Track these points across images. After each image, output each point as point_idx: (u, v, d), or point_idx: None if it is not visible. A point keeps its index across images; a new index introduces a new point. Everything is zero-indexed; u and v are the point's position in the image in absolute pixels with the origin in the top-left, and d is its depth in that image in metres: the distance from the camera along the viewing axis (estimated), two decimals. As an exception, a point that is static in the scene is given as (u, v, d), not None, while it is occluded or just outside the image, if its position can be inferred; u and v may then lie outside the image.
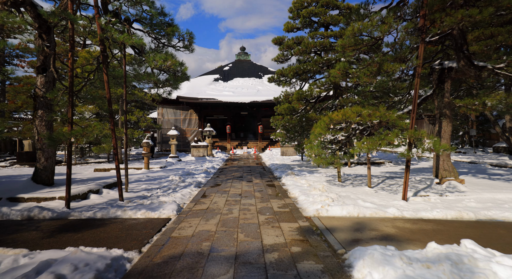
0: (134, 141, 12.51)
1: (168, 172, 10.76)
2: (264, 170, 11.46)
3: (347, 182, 7.45)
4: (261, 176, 9.51)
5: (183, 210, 5.21)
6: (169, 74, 6.81)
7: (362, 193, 6.13)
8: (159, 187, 7.56)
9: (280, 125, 12.13)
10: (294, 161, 14.86)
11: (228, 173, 10.59)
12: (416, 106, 5.32)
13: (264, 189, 7.11)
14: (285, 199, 5.98)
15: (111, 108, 5.92)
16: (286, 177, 8.69)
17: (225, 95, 23.48)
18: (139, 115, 11.40)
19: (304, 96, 10.63)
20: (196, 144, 17.54)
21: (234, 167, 12.69)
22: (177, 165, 13.69)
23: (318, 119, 10.81)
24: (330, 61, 10.96)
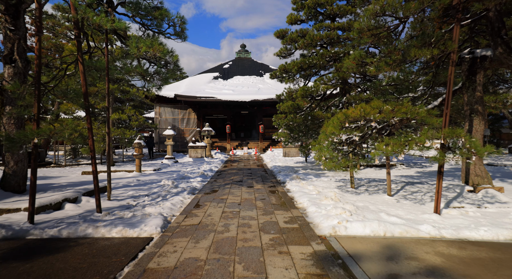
0: (126, 141, 11.65)
1: (161, 175, 9.88)
2: (266, 172, 10.57)
3: (361, 189, 6.55)
4: (262, 180, 8.62)
5: (170, 225, 4.32)
6: (158, 64, 5.92)
7: (382, 202, 5.23)
8: (148, 194, 6.68)
9: (283, 125, 11.25)
10: (297, 162, 13.97)
11: (226, 176, 9.70)
12: (450, 99, 4.42)
13: (267, 197, 6.21)
14: (292, 210, 5.09)
15: (87, 104, 5.04)
16: (291, 182, 7.80)
17: (225, 94, 22.60)
18: (130, 114, 10.54)
19: (310, 92, 9.74)
20: (194, 144, 16.66)
21: (234, 169, 11.80)
22: (172, 167, 12.80)
23: (325, 117, 9.92)
24: (337, 55, 10.06)
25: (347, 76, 9.50)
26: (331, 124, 5.38)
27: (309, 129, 10.79)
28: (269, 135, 25.18)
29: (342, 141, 6.02)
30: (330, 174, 9.48)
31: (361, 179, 7.95)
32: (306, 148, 9.97)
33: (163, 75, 6.15)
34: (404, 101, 4.87)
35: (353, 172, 6.60)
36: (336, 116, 5.16)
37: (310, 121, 10.32)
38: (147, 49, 4.76)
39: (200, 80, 26.13)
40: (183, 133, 24.55)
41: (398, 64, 5.05)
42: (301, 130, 10.70)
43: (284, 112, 11.83)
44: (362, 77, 11.19)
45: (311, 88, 9.69)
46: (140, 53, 4.79)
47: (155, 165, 12.75)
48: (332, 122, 5.29)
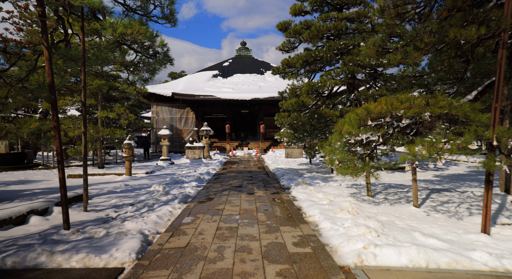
0: (116, 142, 10.79)
1: (153, 179, 9.00)
2: (267, 176, 9.68)
3: (379, 197, 5.67)
4: (264, 186, 7.73)
5: (150, 248, 3.44)
6: (143, 52, 5.05)
7: (409, 216, 4.35)
8: (133, 203, 5.80)
9: (286, 124, 10.37)
10: (301, 164, 13.09)
11: (225, 180, 8.81)
12: (500, 90, 3.54)
13: (270, 207, 5.33)
14: (301, 225, 4.20)
15: (53, 97, 4.16)
16: (296, 188, 6.92)
17: (225, 92, 21.73)
18: (120, 112, 9.67)
19: (316, 88, 8.86)
20: (191, 144, 15.78)
21: (233, 172, 10.92)
22: (167, 169, 11.92)
23: (332, 116, 9.03)
24: (346, 47, 9.17)
25: (356, 70, 8.62)
26: (347, 122, 4.50)
27: (314, 128, 9.90)
28: (270, 136, 24.31)
29: (359, 141, 5.17)
30: (338, 178, 8.59)
31: (375, 184, 7.06)
32: (312, 149, 9.10)
33: (149, 66, 5.27)
34: (437, 94, 3.99)
35: (369, 178, 5.71)
36: (354, 112, 4.28)
37: (315, 120, 9.43)
38: (124, 30, 3.88)
39: (199, 78, 25.27)
40: (181, 133, 23.69)
41: (430, 49, 4.17)
42: (306, 130, 9.82)
43: (287, 111, 10.97)
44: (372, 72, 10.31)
45: (318, 83, 8.81)
46: (116, 34, 3.91)
47: (148, 167, 11.88)
48: (349, 120, 4.41)
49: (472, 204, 4.73)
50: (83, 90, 5.05)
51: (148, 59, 5.43)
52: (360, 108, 4.20)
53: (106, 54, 4.80)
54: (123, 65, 5.09)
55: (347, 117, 4.45)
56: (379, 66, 8.85)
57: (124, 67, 5.16)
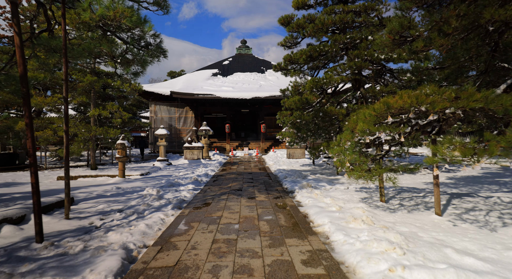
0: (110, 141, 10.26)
1: (147, 182, 8.47)
2: (269, 178, 9.14)
3: (393, 202, 5.12)
4: (266, 189, 7.19)
5: (133, 267, 2.90)
6: (131, 41, 4.51)
7: (433, 226, 3.81)
8: (123, 209, 5.27)
9: (289, 123, 9.84)
10: (303, 165, 12.55)
11: (224, 183, 8.28)
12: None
13: (273, 214, 4.79)
14: (310, 237, 3.67)
15: (25, 90, 3.62)
16: (301, 191, 6.38)
17: (224, 91, 21.20)
18: (112, 110, 9.13)
19: (321, 84, 8.31)
20: (190, 145, 15.25)
21: (233, 173, 10.38)
22: (163, 170, 11.39)
23: (338, 114, 8.49)
24: (353, 41, 8.63)
25: (364, 66, 8.07)
26: (361, 119, 3.96)
27: (318, 128, 9.37)
28: (271, 135, 23.79)
29: (372, 141, 4.64)
30: (345, 181, 8.05)
31: (386, 188, 6.52)
32: (317, 150, 8.56)
33: (139, 57, 4.74)
34: (467, 87, 3.45)
35: (383, 182, 5.17)
36: (371, 108, 3.74)
37: (320, 119, 8.89)
38: (105, 11, 3.34)
39: (198, 77, 24.74)
40: (180, 133, 23.17)
41: (460, 33, 3.62)
42: (309, 129, 9.28)
43: (289, 109, 10.45)
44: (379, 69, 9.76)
45: (323, 79, 8.27)
46: (96, 17, 3.37)
47: (144, 168, 11.34)
48: (363, 117, 3.87)
49: (503, 212, 4.19)
50: (65, 84, 4.51)
51: (137, 50, 4.90)
52: (377, 103, 3.66)
53: (90, 43, 4.26)
54: (110, 56, 4.55)
55: (361, 114, 3.91)
56: (388, 61, 8.31)
57: (111, 59, 4.62)
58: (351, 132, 4.46)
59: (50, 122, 8.81)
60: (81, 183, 8.50)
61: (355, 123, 4.18)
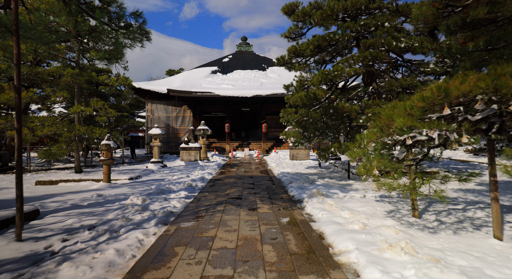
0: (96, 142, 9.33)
1: (135, 187, 7.52)
2: (272, 183, 8.17)
3: (429, 218, 4.15)
4: (269, 197, 6.22)
5: None
6: (97, 14, 3.55)
7: (498, 257, 2.84)
8: (96, 224, 4.32)
9: (294, 121, 8.87)
10: (309, 167, 11.58)
11: (221, 188, 7.31)
12: None
13: (280, 234, 3.83)
14: (333, 273, 2.70)
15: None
16: (311, 200, 5.41)
17: (224, 89, 20.24)
18: (97, 106, 8.16)
19: (331, 77, 7.32)
20: (187, 145, 14.29)
21: (232, 177, 9.41)
22: (156, 174, 10.43)
23: (350, 111, 7.51)
24: (367, 28, 7.66)
25: (380, 56, 7.09)
26: (397, 114, 3.00)
27: (327, 126, 8.39)
28: (272, 135, 22.82)
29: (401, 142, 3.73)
30: (358, 186, 7.09)
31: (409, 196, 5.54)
32: (326, 151, 7.59)
33: (111, 36, 3.77)
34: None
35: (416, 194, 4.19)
36: (417, 96, 2.76)
37: (329, 117, 7.91)
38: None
39: (197, 75, 23.79)
40: (178, 133, 22.22)
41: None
42: (317, 128, 8.31)
43: (294, 106, 9.49)
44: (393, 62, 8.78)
45: (333, 71, 7.29)
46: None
47: (134, 171, 10.38)
48: (403, 110, 2.90)
49: None
50: (16, 70, 3.55)
51: (111, 29, 3.93)
52: (428, 90, 2.68)
53: (42, 16, 3.30)
54: (73, 35, 3.58)
55: (400, 106, 2.94)
56: (407, 50, 7.33)
57: (76, 39, 3.65)
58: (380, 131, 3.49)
59: (30, 121, 7.87)
60: (60, 188, 7.55)
61: (389, 119, 3.20)
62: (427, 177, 3.21)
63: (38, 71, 9.11)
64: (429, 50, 6.92)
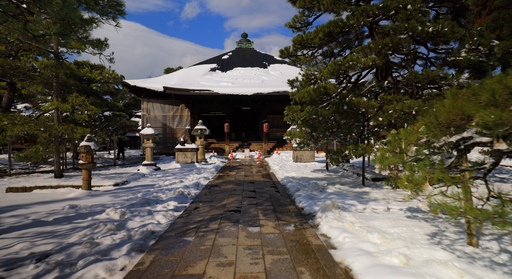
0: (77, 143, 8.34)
1: (118, 196, 6.52)
2: (276, 189, 7.16)
3: (489, 245, 3.13)
4: (274, 210, 5.20)
5: None
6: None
7: None
8: (51, 251, 3.32)
9: (300, 120, 7.84)
10: (315, 170, 10.57)
11: (217, 198, 6.30)
12: None
13: (293, 270, 2.82)
14: None
15: None
16: (325, 215, 4.40)
17: (223, 86, 19.23)
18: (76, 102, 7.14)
19: (345, 68, 6.29)
20: (182, 146, 13.28)
21: (230, 182, 8.40)
22: (147, 178, 9.42)
23: (368, 107, 6.49)
24: (387, 12, 6.64)
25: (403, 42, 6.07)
26: (485, 99, 1.97)
27: (338, 126, 7.38)
28: (274, 136, 21.81)
29: (456, 144, 2.75)
30: (377, 195, 6.08)
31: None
32: (340, 154, 6.54)
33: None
34: None
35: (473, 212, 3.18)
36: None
37: (341, 115, 6.89)
38: None
39: (195, 72, 22.79)
40: (175, 133, 21.22)
41: None
42: (327, 128, 7.29)
43: (300, 103, 8.50)
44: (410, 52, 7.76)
45: (347, 62, 6.26)
46: None
47: (122, 175, 9.37)
48: (489, 96, 1.88)
49: None
50: None
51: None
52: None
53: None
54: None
55: (486, 88, 1.92)
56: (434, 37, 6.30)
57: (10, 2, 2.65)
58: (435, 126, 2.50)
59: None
60: (33, 197, 6.55)
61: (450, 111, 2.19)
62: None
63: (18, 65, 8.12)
64: (462, 36, 5.91)
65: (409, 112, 5.72)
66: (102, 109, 13.87)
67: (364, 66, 6.21)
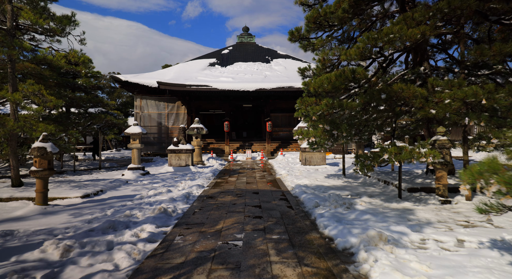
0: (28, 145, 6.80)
1: (81, 214, 4.93)
2: (288, 204, 5.54)
3: None
4: (291, 241, 3.59)
5: None
6: None
7: None
8: None
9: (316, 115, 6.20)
10: (329, 176, 8.97)
11: (211, 218, 4.70)
12: None
13: None
14: None
15: None
16: (374, 258, 2.82)
17: (223, 82, 17.64)
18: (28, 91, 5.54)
19: (383, 42, 4.66)
20: (176, 147, 11.69)
21: (229, 193, 6.80)
22: (128, 186, 7.83)
23: (414, 96, 4.88)
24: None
25: (472, 6, 4.45)
26: None
27: (366, 123, 5.76)
28: (278, 135, 20.21)
29: None
30: (426, 214, 4.48)
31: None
32: (375, 159, 4.83)
33: None
34: None
35: None
36: None
37: (374, 108, 5.27)
38: None
39: (193, 67, 21.20)
40: (171, 132, 19.64)
41: None
42: (353, 125, 5.68)
43: (315, 94, 6.96)
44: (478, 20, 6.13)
45: (386, 34, 4.62)
46: None
47: (98, 183, 7.77)
48: None
49: None
50: None
51: None
52: None
53: None
54: None
55: None
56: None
57: None
58: None
59: None
60: None
61: None
62: None
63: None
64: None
65: (476, 101, 4.12)
66: (86, 105, 12.30)
67: (411, 39, 4.57)
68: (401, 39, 4.57)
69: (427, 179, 6.86)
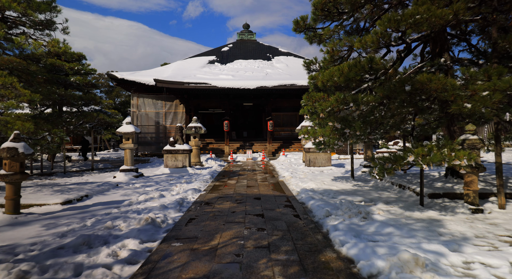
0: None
1: (56, 224, 4.27)
2: (295, 212, 4.86)
3: None
4: (302, 264, 2.91)
5: None
6: None
7: None
8: None
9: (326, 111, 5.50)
10: (336, 178, 8.28)
11: (206, 230, 4.02)
12: None
13: None
14: None
15: None
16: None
17: (222, 79, 16.98)
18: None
19: (409, 25, 3.98)
20: (172, 147, 11.03)
21: (228, 198, 6.12)
22: (118, 190, 7.16)
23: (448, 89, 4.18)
24: None
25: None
26: None
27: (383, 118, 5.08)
28: (279, 135, 19.52)
29: None
30: (460, 228, 3.80)
31: None
32: (399, 162, 4.15)
33: None
34: None
35: None
36: None
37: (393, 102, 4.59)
38: None
39: (192, 65, 20.54)
40: (169, 131, 18.97)
41: None
42: (368, 122, 4.99)
43: (323, 89, 6.33)
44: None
45: (411, 15, 3.94)
46: None
47: (84, 187, 7.10)
48: None
49: None
50: None
51: None
52: None
53: None
54: None
55: None
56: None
57: None
58: None
59: None
60: None
61: None
62: None
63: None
64: None
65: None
66: (78, 103, 11.64)
67: (438, 22, 3.88)
68: (429, 21, 3.88)
69: (447, 183, 6.17)
